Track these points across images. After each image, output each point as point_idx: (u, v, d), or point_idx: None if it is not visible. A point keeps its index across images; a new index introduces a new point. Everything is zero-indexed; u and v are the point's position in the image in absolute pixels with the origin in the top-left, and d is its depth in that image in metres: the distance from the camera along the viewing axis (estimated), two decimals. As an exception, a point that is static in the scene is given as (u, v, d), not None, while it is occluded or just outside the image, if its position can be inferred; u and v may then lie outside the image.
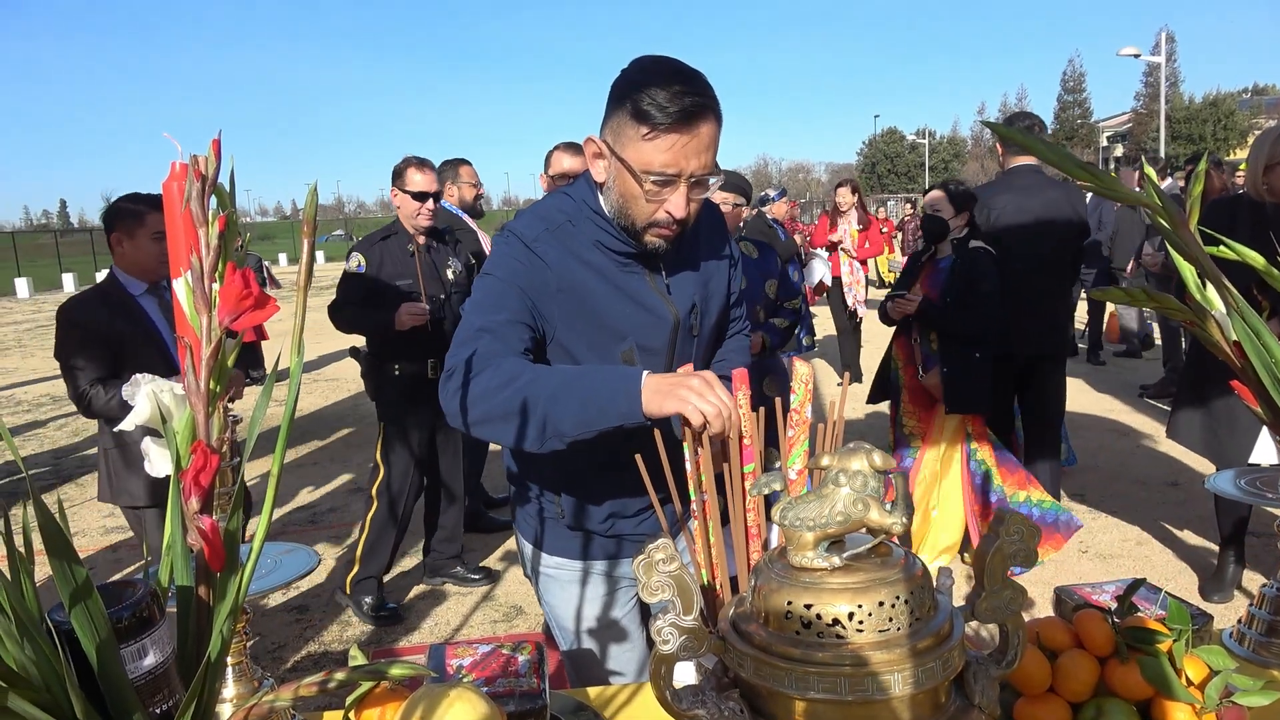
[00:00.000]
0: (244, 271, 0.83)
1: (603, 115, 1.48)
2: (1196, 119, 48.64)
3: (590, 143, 1.50)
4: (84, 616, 0.67)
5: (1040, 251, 3.91)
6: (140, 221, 2.84)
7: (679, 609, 0.83)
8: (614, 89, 1.46)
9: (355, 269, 3.65)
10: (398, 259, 3.66)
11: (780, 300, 3.70)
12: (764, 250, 3.77)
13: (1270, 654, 1.33)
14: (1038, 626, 1.12)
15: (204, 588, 0.80)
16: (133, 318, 2.85)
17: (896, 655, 0.76)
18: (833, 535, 0.80)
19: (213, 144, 0.86)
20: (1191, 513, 4.47)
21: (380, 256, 3.65)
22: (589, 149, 1.51)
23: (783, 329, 3.65)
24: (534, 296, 1.49)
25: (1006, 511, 0.85)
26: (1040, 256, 3.91)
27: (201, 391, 0.82)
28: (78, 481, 6.18)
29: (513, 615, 3.76)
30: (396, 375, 3.66)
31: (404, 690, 1.09)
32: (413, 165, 3.68)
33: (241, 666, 1.22)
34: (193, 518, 0.78)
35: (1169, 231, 0.88)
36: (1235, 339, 0.90)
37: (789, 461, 1.30)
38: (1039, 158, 0.86)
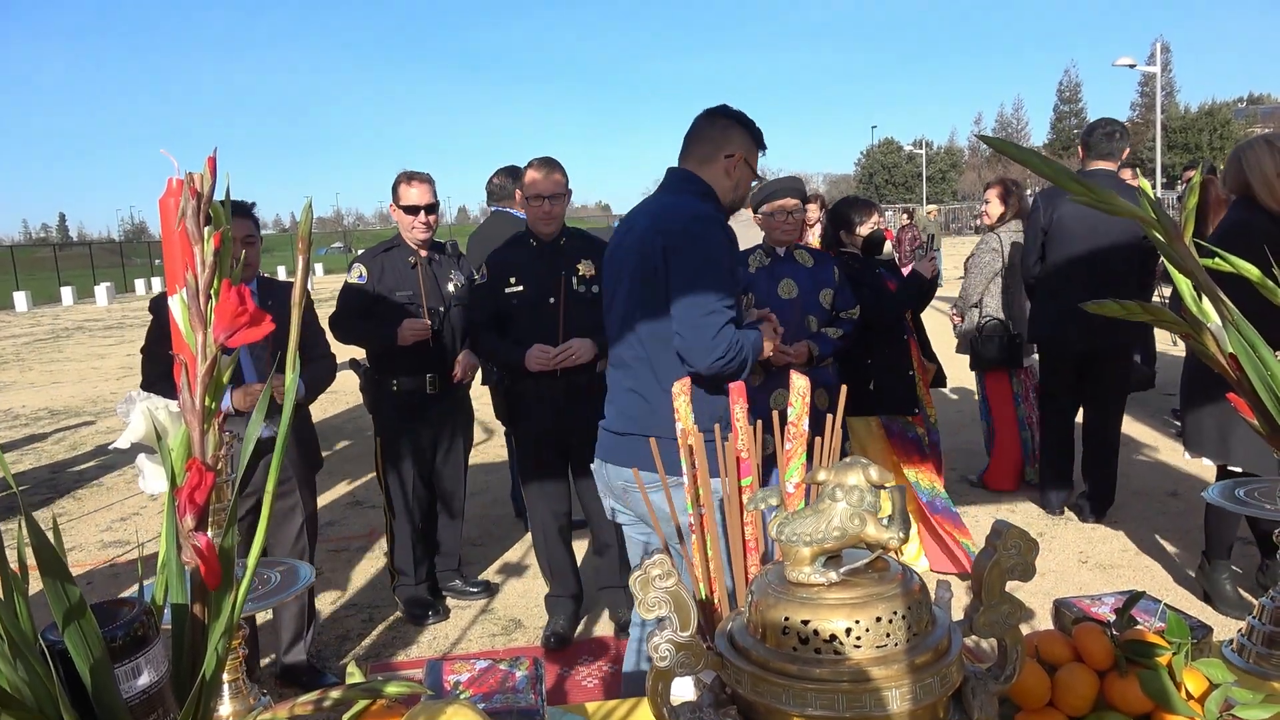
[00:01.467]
0: (239, 288, 0.83)
1: (727, 135, 2.33)
2: (1192, 128, 48.83)
3: (731, 158, 2.31)
4: (77, 636, 0.67)
5: (1099, 251, 4.00)
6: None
7: (676, 624, 0.83)
8: (736, 118, 2.37)
9: (356, 280, 3.65)
10: (399, 271, 3.66)
11: (836, 310, 3.60)
12: (820, 259, 3.69)
13: (1270, 666, 1.33)
14: (1036, 640, 1.12)
15: (199, 605, 0.80)
16: None
17: (894, 671, 0.76)
18: (829, 550, 0.80)
19: (208, 161, 0.86)
20: (1191, 523, 4.45)
21: (382, 268, 3.65)
22: (728, 163, 2.31)
23: (835, 339, 3.54)
24: None
25: (1003, 526, 0.85)
26: (1098, 256, 4.01)
27: (197, 408, 0.82)
28: (75, 495, 6.17)
29: (511, 629, 3.75)
30: (395, 390, 3.66)
31: (401, 707, 1.09)
32: (404, 180, 3.68)
33: (238, 684, 1.21)
34: (188, 535, 0.77)
35: (1164, 245, 0.88)
36: (1231, 351, 0.90)
37: (786, 475, 1.29)
38: (1034, 171, 0.87)
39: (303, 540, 3.18)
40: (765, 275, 3.58)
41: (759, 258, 3.62)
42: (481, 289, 3.43)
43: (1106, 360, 4.40)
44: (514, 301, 3.34)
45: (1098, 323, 3.98)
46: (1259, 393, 0.87)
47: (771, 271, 3.59)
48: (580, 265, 3.34)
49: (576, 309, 3.30)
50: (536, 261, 3.35)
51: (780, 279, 3.55)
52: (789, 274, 3.56)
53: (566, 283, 3.32)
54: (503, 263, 3.40)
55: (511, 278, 3.35)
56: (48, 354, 15.04)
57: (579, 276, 3.33)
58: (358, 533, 5.01)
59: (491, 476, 6.00)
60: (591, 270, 3.32)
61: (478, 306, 3.47)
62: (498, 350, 3.52)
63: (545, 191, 3.28)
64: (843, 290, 3.65)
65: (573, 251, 3.37)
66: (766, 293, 3.51)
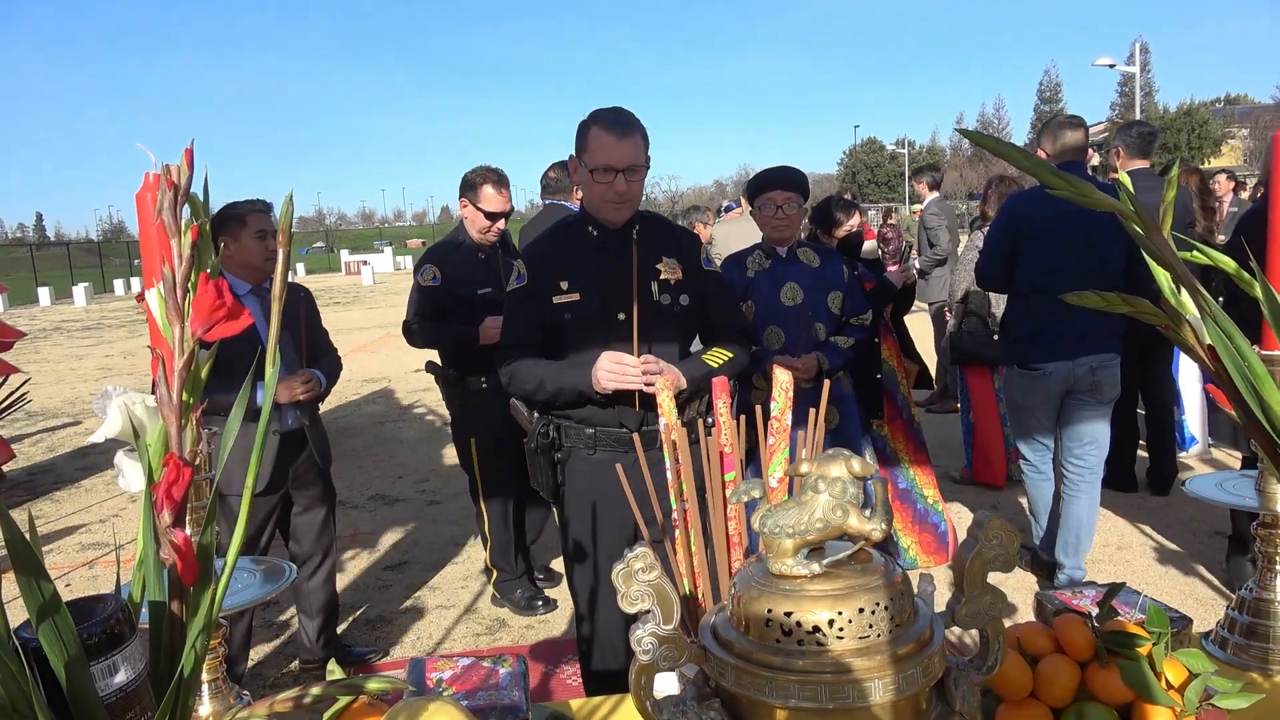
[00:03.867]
0: (217, 282, 0.82)
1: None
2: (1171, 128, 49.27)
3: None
4: (52, 633, 0.66)
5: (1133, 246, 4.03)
6: (242, 222, 2.96)
7: (659, 618, 0.82)
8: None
9: (430, 282, 3.58)
10: (471, 268, 3.59)
11: (846, 316, 3.24)
12: (826, 257, 3.30)
13: (1249, 656, 1.34)
14: (1018, 632, 1.13)
15: (177, 603, 0.79)
16: None
17: (877, 662, 0.76)
18: (812, 542, 0.80)
19: (185, 153, 0.85)
20: (1171, 517, 4.50)
21: (452, 267, 3.58)
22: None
23: (846, 349, 3.17)
24: None
25: (985, 518, 0.86)
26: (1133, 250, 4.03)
27: (174, 403, 0.81)
28: (53, 497, 6.10)
29: (495, 628, 3.74)
30: (483, 388, 3.58)
31: (383, 705, 1.08)
32: (488, 183, 3.56)
33: (217, 683, 1.20)
34: (165, 531, 0.76)
35: (1142, 237, 0.88)
36: (1209, 343, 0.91)
37: (769, 470, 1.30)
38: (1012, 163, 0.87)
39: (329, 527, 3.26)
40: (766, 278, 3.22)
41: (758, 259, 3.25)
42: (518, 297, 2.34)
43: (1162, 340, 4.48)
44: (566, 315, 2.27)
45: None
46: (1236, 383, 0.88)
47: (772, 274, 3.22)
48: (661, 265, 2.32)
49: (658, 327, 2.30)
50: (597, 259, 2.29)
51: (783, 282, 3.19)
52: (792, 276, 3.19)
53: (643, 289, 2.28)
54: (547, 259, 2.33)
55: (561, 281, 2.28)
56: (25, 355, 14.86)
57: (659, 281, 2.31)
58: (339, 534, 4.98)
59: (475, 476, 5.97)
60: (677, 272, 2.31)
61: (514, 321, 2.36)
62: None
63: (619, 163, 2.18)
64: (853, 293, 3.28)
65: (650, 246, 2.33)
66: (768, 298, 3.19)
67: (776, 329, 3.18)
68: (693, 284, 2.33)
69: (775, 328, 3.18)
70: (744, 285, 3.20)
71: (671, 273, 2.31)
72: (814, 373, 3.07)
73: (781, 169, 3.23)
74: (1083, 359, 3.46)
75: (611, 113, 2.24)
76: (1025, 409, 3.67)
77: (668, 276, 2.31)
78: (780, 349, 3.14)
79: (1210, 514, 4.34)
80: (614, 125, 2.20)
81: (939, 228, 6.95)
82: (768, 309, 3.18)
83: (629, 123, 2.22)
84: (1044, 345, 3.49)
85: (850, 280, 3.29)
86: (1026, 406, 3.65)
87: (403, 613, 3.92)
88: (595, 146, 2.20)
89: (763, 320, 3.18)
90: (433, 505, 5.41)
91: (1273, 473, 1.30)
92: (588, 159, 2.22)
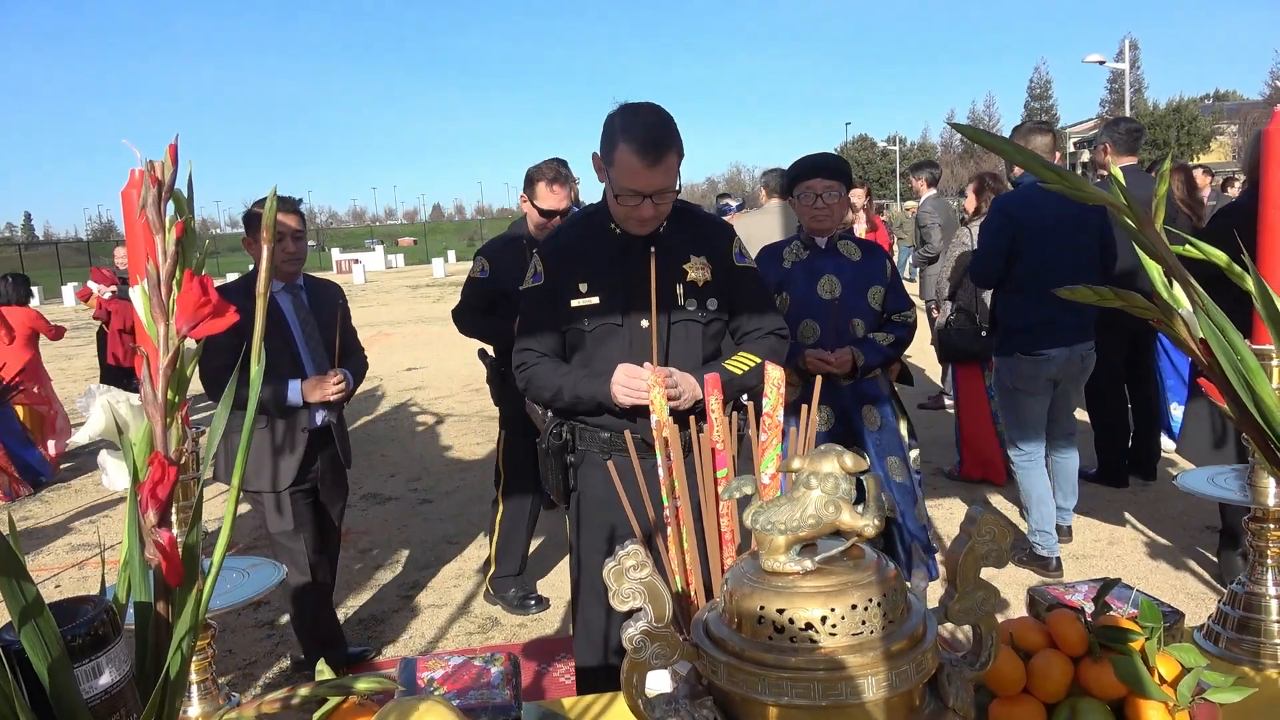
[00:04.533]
0: (202, 279, 0.81)
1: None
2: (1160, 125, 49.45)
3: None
4: (34, 635, 0.65)
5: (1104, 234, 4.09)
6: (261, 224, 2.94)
7: (651, 616, 0.82)
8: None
9: (479, 274, 3.67)
10: (518, 263, 3.56)
11: (887, 312, 3.06)
12: (869, 251, 3.13)
13: (1241, 651, 1.34)
14: (1011, 627, 1.12)
15: (163, 603, 0.78)
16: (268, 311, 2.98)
17: (870, 659, 0.75)
18: (804, 538, 0.79)
19: (169, 149, 0.84)
20: (1162, 512, 4.52)
21: (505, 262, 3.61)
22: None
23: (885, 346, 3.00)
24: None
25: (978, 513, 0.85)
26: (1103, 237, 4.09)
27: (159, 402, 0.80)
28: (42, 499, 6.06)
29: (488, 627, 3.73)
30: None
31: (373, 705, 1.07)
32: (545, 179, 3.56)
33: (207, 684, 1.19)
34: (150, 531, 0.75)
35: (1134, 231, 0.88)
36: (1202, 337, 0.91)
37: (762, 466, 1.29)
38: (1005, 158, 0.86)
39: (338, 521, 3.35)
40: (802, 271, 3.06)
41: (795, 250, 3.10)
42: (535, 297, 2.20)
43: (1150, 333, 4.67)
44: (584, 321, 2.13)
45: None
46: (1229, 377, 0.88)
47: (810, 266, 3.05)
48: (689, 265, 2.15)
49: (682, 337, 2.15)
50: (619, 259, 2.13)
51: (820, 275, 3.03)
52: (831, 269, 3.03)
53: (667, 295, 2.13)
54: (566, 257, 2.17)
55: (581, 283, 2.13)
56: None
57: (686, 284, 2.14)
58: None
59: (468, 474, 5.96)
60: (706, 272, 2.15)
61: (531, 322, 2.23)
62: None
63: (646, 188, 2.01)
64: (895, 289, 3.10)
65: (677, 245, 2.16)
66: (804, 292, 3.03)
67: (812, 323, 3.02)
68: (723, 283, 2.17)
69: (811, 321, 3.02)
70: (780, 278, 3.04)
71: (700, 273, 2.14)
72: (849, 368, 2.93)
73: (822, 156, 3.10)
74: (1077, 345, 3.80)
75: (643, 125, 1.98)
76: (1025, 395, 3.88)
77: (695, 278, 2.14)
78: (814, 344, 3.01)
79: (1201, 509, 4.35)
80: (646, 150, 1.96)
81: (932, 225, 6.96)
82: (803, 302, 3.02)
83: (661, 143, 1.98)
84: (1046, 334, 3.75)
85: (893, 275, 3.11)
86: (1028, 393, 3.87)
87: (395, 612, 3.91)
88: (622, 167, 1.99)
89: (797, 314, 3.01)
90: (425, 504, 5.39)
91: (1264, 466, 1.30)
92: (614, 175, 2.03)
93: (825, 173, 2.95)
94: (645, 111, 2.01)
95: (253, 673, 3.40)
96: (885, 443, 3.04)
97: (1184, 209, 4.78)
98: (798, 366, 2.93)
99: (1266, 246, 1.28)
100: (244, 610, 3.85)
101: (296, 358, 3.06)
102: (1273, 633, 1.33)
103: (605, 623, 2.22)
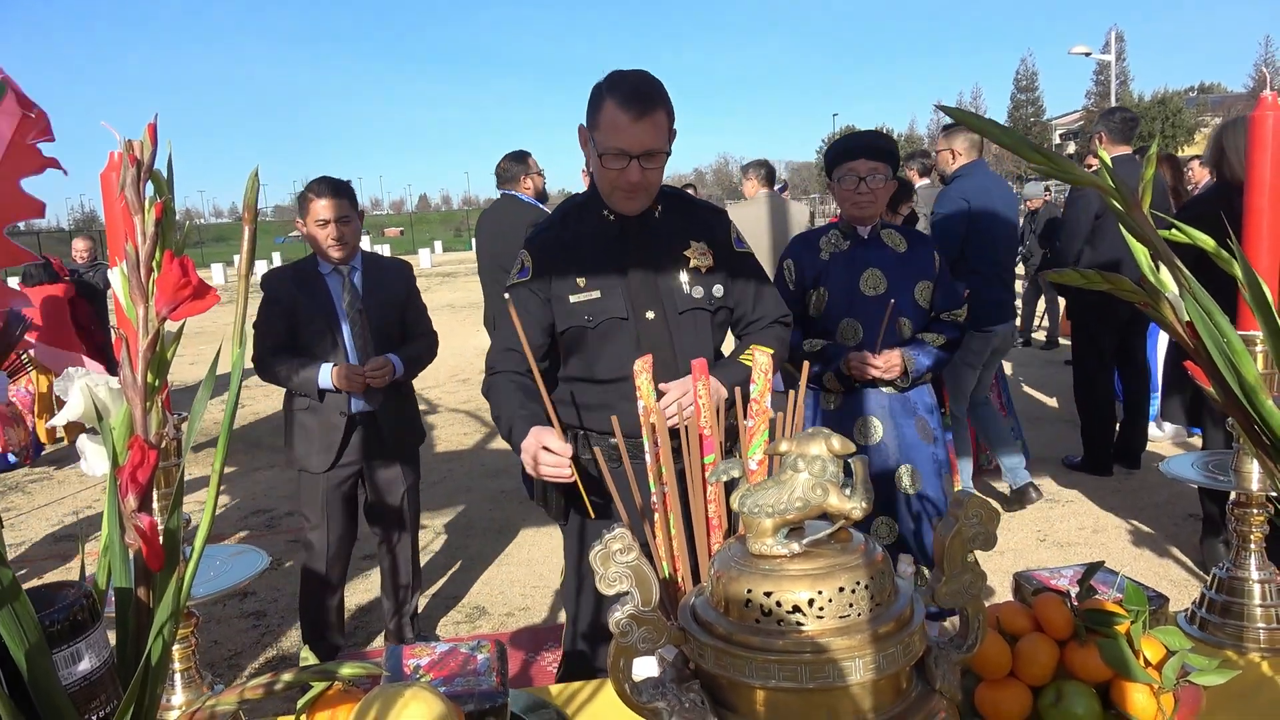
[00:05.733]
0: (182, 260, 0.80)
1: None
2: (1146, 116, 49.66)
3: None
4: (10, 621, 0.64)
5: None
6: (308, 207, 3.02)
7: (638, 600, 0.81)
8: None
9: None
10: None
11: (936, 311, 2.73)
12: (915, 241, 2.77)
13: (1225, 634, 1.35)
14: (998, 611, 1.13)
15: (143, 589, 0.77)
16: (313, 293, 3.04)
17: (857, 641, 0.75)
18: (791, 521, 0.79)
19: (148, 129, 0.82)
20: (1146, 500, 4.55)
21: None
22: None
23: (937, 348, 2.67)
24: None
25: (964, 496, 0.85)
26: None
27: (138, 385, 0.79)
28: (24, 490, 6.01)
29: (475, 616, 3.72)
30: None
31: (358, 692, 1.06)
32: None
33: (190, 672, 1.18)
34: (130, 516, 0.74)
35: (1122, 214, 0.88)
36: (1188, 319, 0.91)
37: (749, 452, 1.29)
38: (992, 140, 0.86)
39: (404, 508, 3.27)
40: (843, 263, 2.71)
41: (834, 239, 2.75)
42: (521, 294, 1.97)
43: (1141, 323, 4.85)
44: (586, 317, 1.95)
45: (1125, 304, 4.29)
46: (1215, 360, 0.88)
47: (851, 258, 2.71)
48: (690, 251, 1.99)
49: (691, 326, 1.99)
50: (616, 248, 1.98)
51: (863, 268, 2.68)
52: (874, 262, 2.69)
53: (673, 282, 1.98)
54: (558, 248, 2.00)
55: (578, 277, 1.96)
56: (-4, 346, 14.62)
57: (690, 270, 1.99)
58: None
59: (455, 464, 5.95)
60: (708, 259, 2.00)
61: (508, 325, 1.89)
62: (498, 400, 1.96)
63: (633, 147, 1.84)
64: (944, 284, 2.75)
65: (677, 230, 2.02)
66: (845, 287, 2.69)
67: (854, 322, 2.69)
68: (724, 269, 2.02)
69: (852, 320, 2.69)
70: (816, 270, 2.73)
71: (702, 259, 1.99)
72: (899, 372, 2.59)
73: (867, 134, 2.76)
74: (1011, 322, 4.51)
75: (630, 83, 1.86)
76: (969, 368, 4.40)
77: (699, 264, 1.99)
78: (857, 346, 2.68)
79: (1184, 497, 4.39)
80: (631, 101, 1.82)
81: (922, 216, 6.98)
82: (844, 298, 2.68)
83: (649, 98, 1.84)
84: (994, 312, 4.30)
85: (942, 268, 2.76)
86: (972, 366, 4.42)
87: (382, 601, 3.90)
88: (607, 125, 1.84)
89: (837, 311, 2.70)
90: (412, 494, 5.37)
91: (1250, 450, 1.31)
92: (599, 138, 1.87)
93: (870, 153, 2.62)
94: (633, 73, 1.91)
95: (238, 663, 3.39)
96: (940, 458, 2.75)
97: (1172, 199, 4.84)
98: (839, 370, 2.65)
99: (1251, 232, 1.28)
100: (229, 601, 3.83)
101: (338, 341, 3.02)
102: (1255, 617, 1.35)
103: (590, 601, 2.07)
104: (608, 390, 1.94)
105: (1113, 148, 4.49)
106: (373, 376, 2.97)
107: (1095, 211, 4.50)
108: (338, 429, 3.05)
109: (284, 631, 3.63)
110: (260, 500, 5.43)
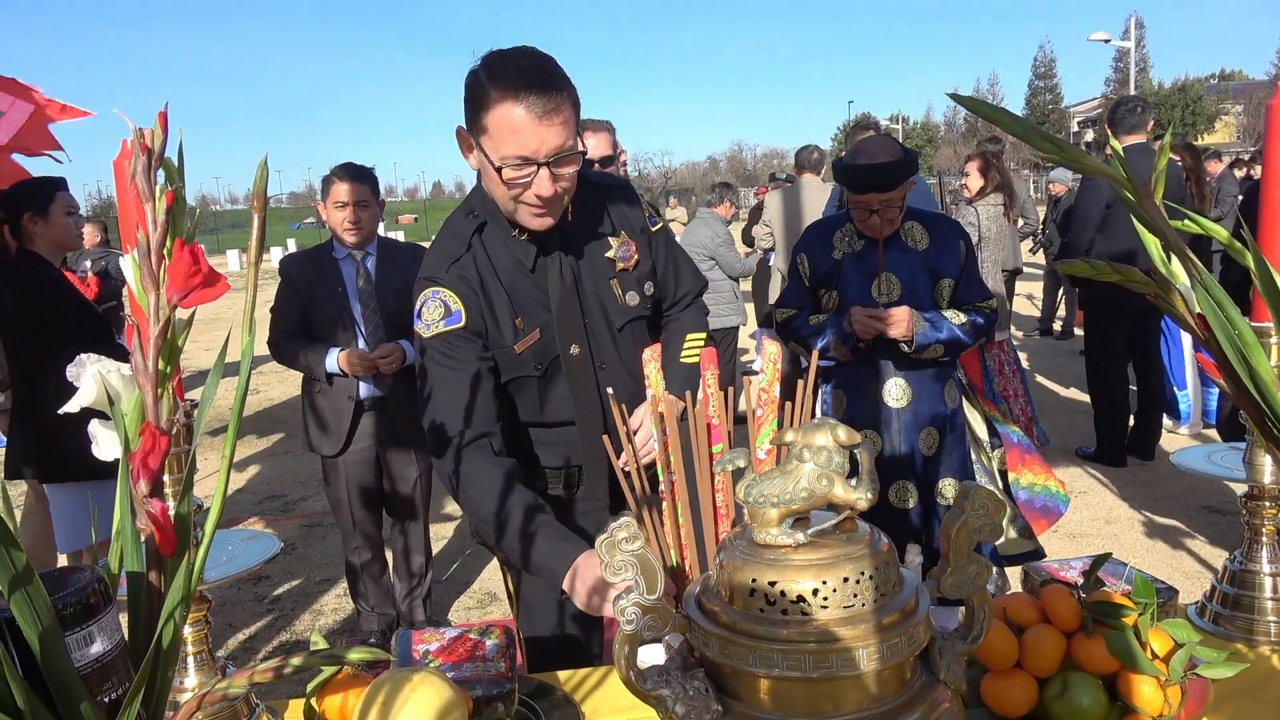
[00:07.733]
0: (193, 247, 0.81)
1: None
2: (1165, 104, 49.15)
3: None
4: (24, 603, 0.65)
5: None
6: (329, 189, 3.08)
7: (643, 588, 0.82)
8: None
9: None
10: None
11: (959, 305, 2.51)
12: (939, 231, 2.53)
13: (1234, 627, 1.35)
14: (1004, 602, 1.12)
15: (155, 573, 0.78)
16: (326, 277, 3.10)
17: (862, 631, 0.75)
18: (797, 511, 0.79)
19: (159, 116, 0.83)
20: (1159, 492, 4.53)
21: None
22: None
23: (956, 324, 2.44)
24: None
25: (971, 487, 0.85)
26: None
27: (150, 372, 0.80)
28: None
29: (487, 602, 3.75)
30: None
31: (367, 676, 1.08)
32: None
33: (203, 656, 1.20)
34: (142, 501, 0.75)
35: (1133, 204, 0.87)
36: (1199, 312, 0.90)
37: (757, 441, 1.29)
38: (1004, 129, 0.86)
39: (416, 493, 3.32)
40: (855, 265, 2.50)
41: (849, 237, 2.52)
42: (457, 348, 1.61)
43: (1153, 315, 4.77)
44: (534, 365, 1.67)
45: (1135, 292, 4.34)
46: (1226, 352, 0.87)
47: (865, 260, 2.49)
48: (612, 253, 1.72)
49: (633, 340, 1.74)
50: (540, 272, 1.66)
51: (877, 273, 2.48)
52: (890, 265, 2.48)
53: (605, 295, 1.72)
54: (486, 283, 1.65)
55: (517, 318, 1.65)
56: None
57: (619, 275, 1.73)
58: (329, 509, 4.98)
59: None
60: (631, 252, 1.73)
61: (456, 387, 1.59)
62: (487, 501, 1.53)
63: (540, 152, 1.47)
64: (969, 279, 2.52)
65: (592, 231, 1.72)
66: (855, 292, 2.48)
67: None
68: (647, 259, 1.77)
69: None
70: (827, 269, 2.53)
71: (626, 255, 1.72)
72: (905, 329, 2.38)
73: (878, 167, 2.37)
74: None
75: (518, 69, 1.45)
76: None
77: (624, 266, 1.72)
78: (867, 351, 2.52)
79: (1198, 489, 4.36)
80: (527, 92, 1.42)
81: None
82: (856, 304, 2.47)
83: (548, 84, 1.44)
84: None
85: (967, 259, 2.53)
86: None
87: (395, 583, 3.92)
88: (500, 127, 1.45)
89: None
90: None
91: (1261, 443, 1.30)
92: (490, 145, 1.48)
93: (880, 188, 2.36)
94: (515, 53, 1.49)
95: (253, 646, 3.43)
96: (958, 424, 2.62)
97: (1192, 191, 4.79)
98: (843, 330, 2.46)
99: (1267, 223, 1.27)
100: (244, 585, 3.87)
101: (350, 325, 3.06)
102: (1266, 610, 1.34)
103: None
104: (563, 430, 1.71)
105: (1126, 137, 4.44)
106: (382, 362, 2.99)
107: (1107, 201, 4.47)
108: (346, 414, 3.09)
109: (297, 615, 3.67)
110: (275, 485, 5.47)
